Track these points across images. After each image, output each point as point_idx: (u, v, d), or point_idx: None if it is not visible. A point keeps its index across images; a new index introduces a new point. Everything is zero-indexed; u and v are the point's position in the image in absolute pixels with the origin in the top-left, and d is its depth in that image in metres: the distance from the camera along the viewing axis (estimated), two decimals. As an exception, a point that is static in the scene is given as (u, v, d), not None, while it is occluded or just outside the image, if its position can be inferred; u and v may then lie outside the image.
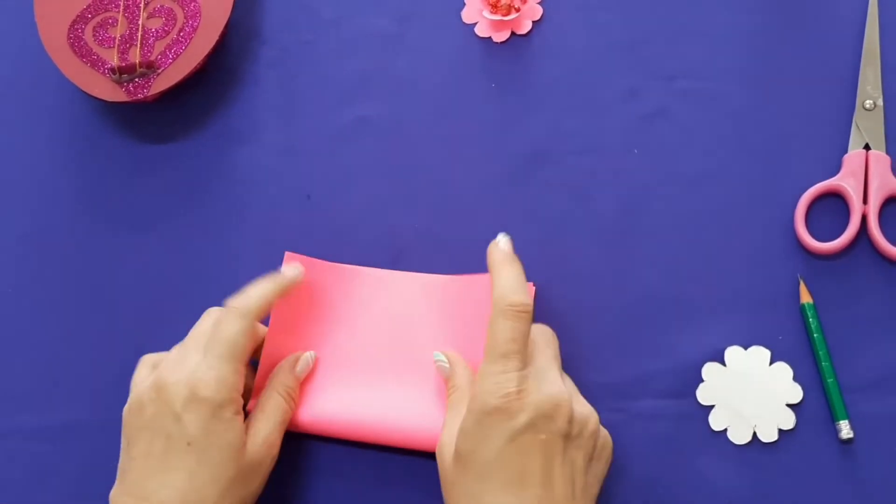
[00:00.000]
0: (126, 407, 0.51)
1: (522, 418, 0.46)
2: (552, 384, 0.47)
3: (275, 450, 0.52)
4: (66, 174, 0.64)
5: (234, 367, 0.50)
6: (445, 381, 0.53)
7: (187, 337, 0.53)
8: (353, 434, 0.54)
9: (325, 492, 0.55)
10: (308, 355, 0.55)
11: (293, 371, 0.54)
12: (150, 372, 0.53)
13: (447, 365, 0.53)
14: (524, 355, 0.48)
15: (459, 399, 0.51)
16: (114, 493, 0.50)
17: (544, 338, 0.51)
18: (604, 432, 0.49)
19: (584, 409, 0.48)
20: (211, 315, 0.54)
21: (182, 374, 0.50)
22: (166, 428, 0.49)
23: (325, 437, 0.55)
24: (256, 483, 0.51)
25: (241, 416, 0.50)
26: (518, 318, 0.48)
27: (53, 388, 0.60)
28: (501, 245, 0.52)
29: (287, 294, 0.55)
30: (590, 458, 0.48)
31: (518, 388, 0.46)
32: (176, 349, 0.53)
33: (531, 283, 0.56)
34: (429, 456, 0.52)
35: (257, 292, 0.53)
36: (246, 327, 0.51)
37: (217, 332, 0.51)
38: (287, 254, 0.57)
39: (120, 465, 0.51)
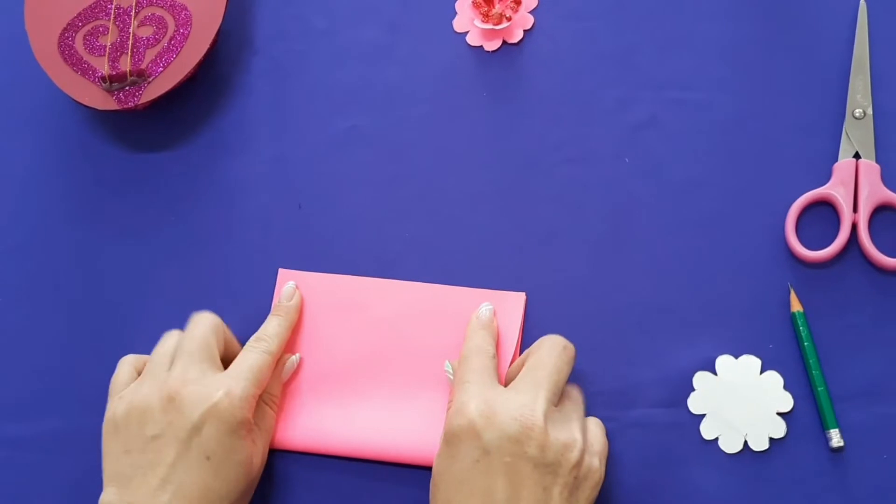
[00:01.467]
0: (121, 411, 0.50)
1: (486, 437, 0.45)
2: (525, 407, 0.46)
3: (265, 460, 0.52)
4: (57, 183, 0.64)
5: (255, 391, 0.51)
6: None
7: (181, 349, 0.52)
8: (346, 451, 0.54)
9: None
10: (293, 358, 0.55)
11: (278, 378, 0.55)
12: (132, 373, 0.53)
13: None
14: (489, 377, 0.49)
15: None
16: (110, 500, 0.48)
17: (551, 351, 0.50)
18: (589, 462, 0.47)
19: (567, 436, 0.46)
20: (172, 336, 0.54)
21: (199, 387, 0.49)
22: (182, 439, 0.48)
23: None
24: (251, 495, 0.51)
25: (253, 435, 0.51)
26: (484, 345, 0.51)
27: (41, 398, 0.59)
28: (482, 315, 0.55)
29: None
30: (570, 490, 0.46)
31: (486, 409, 0.46)
32: (168, 356, 0.52)
33: (523, 293, 0.56)
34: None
35: (274, 330, 0.55)
36: (268, 363, 0.53)
37: (244, 360, 0.52)
38: (281, 271, 0.57)
39: (114, 469, 0.49)
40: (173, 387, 0.49)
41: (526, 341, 0.55)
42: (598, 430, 0.49)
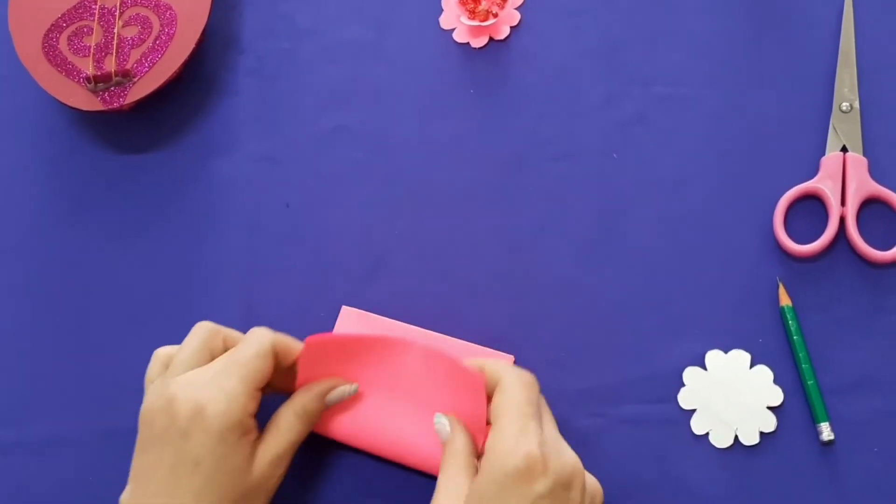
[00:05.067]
0: (141, 409, 0.50)
1: (544, 484, 0.44)
2: (567, 451, 0.47)
3: (282, 469, 0.51)
4: (42, 184, 0.63)
5: (246, 389, 0.49)
6: (442, 444, 0.50)
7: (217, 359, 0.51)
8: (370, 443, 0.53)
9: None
10: (349, 388, 0.53)
11: (321, 398, 0.52)
12: (162, 370, 0.51)
13: (447, 428, 0.50)
14: (539, 421, 0.47)
15: (455, 463, 0.48)
16: (127, 500, 0.49)
17: (532, 389, 0.49)
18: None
19: (590, 479, 0.48)
20: (202, 329, 0.52)
21: (192, 390, 0.48)
22: (174, 443, 0.48)
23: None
24: (260, 501, 0.50)
25: (250, 438, 0.49)
26: (533, 386, 0.48)
27: (31, 402, 0.59)
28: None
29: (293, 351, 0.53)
30: None
31: (541, 451, 0.45)
32: (194, 353, 0.51)
33: (511, 357, 0.55)
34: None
35: (276, 335, 0.52)
36: (260, 353, 0.50)
37: (233, 356, 0.50)
38: (344, 308, 0.56)
39: (133, 467, 0.49)
40: (172, 390, 0.49)
41: (514, 343, 0.55)
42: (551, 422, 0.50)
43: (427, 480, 0.51)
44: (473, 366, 0.50)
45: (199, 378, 0.49)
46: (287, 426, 0.51)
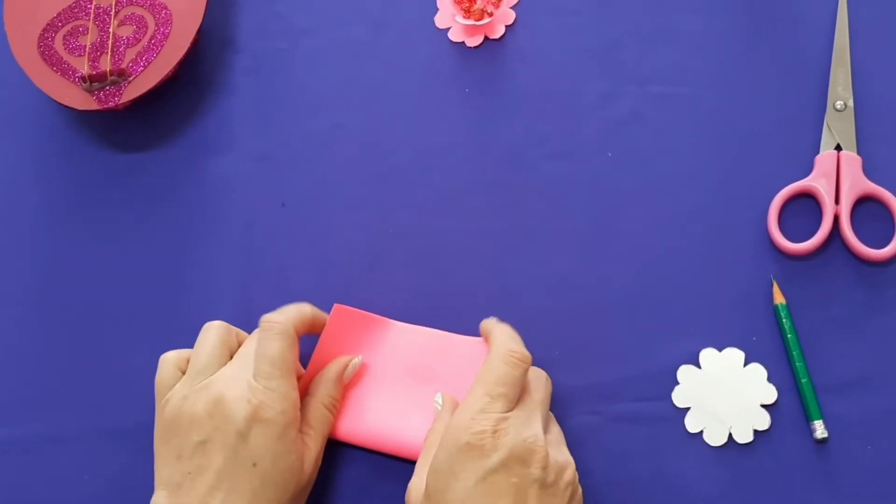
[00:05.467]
0: (169, 416, 0.49)
1: (495, 458, 0.45)
2: (530, 429, 0.47)
3: (320, 463, 0.51)
4: (38, 184, 0.64)
5: (291, 383, 0.50)
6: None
7: (237, 355, 0.52)
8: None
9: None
10: (355, 361, 0.54)
11: (339, 380, 0.53)
12: (176, 373, 0.51)
13: (439, 406, 0.52)
14: (509, 400, 0.47)
15: (434, 441, 0.49)
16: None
17: (537, 382, 0.50)
18: (578, 481, 0.48)
19: (561, 457, 0.47)
20: (213, 329, 0.53)
21: (239, 390, 0.48)
22: (229, 444, 0.47)
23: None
24: (304, 499, 0.51)
25: (301, 436, 0.50)
26: (515, 366, 0.48)
27: (28, 401, 0.59)
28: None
29: (320, 319, 0.54)
30: None
31: (494, 427, 0.46)
32: (215, 353, 0.51)
33: None
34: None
35: (294, 308, 0.53)
36: (289, 344, 0.51)
37: (262, 352, 0.50)
38: (336, 306, 0.56)
39: (165, 474, 0.49)
40: (220, 391, 0.48)
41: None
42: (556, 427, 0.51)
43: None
44: (484, 331, 0.52)
45: (238, 376, 0.49)
46: (322, 420, 0.52)
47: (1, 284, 0.62)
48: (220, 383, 0.49)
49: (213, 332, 0.52)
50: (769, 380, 0.53)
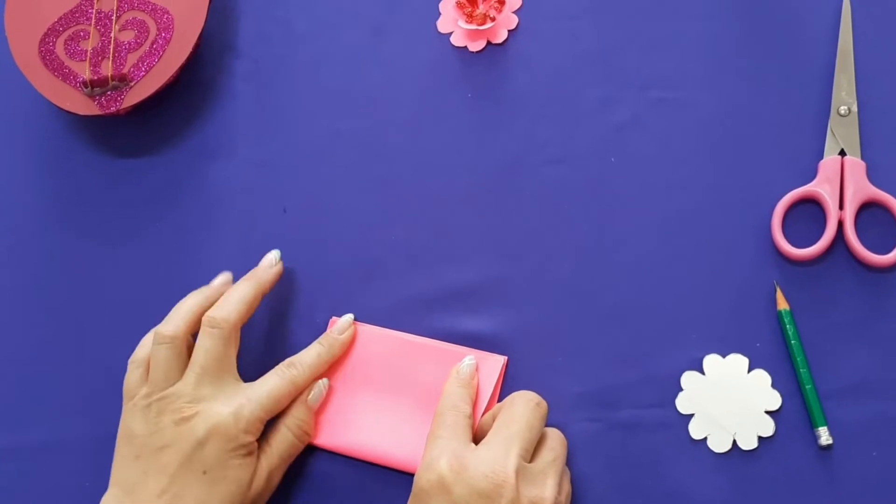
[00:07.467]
0: (137, 421, 0.51)
1: (456, 493, 0.45)
2: (496, 463, 0.46)
3: (275, 482, 0.53)
4: (39, 188, 0.63)
5: (265, 416, 0.51)
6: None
7: (194, 362, 0.52)
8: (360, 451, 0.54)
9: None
10: (321, 383, 0.55)
11: (304, 403, 0.54)
12: (142, 375, 0.52)
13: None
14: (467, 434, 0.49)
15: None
16: (111, 502, 0.50)
17: (520, 412, 0.50)
18: None
19: (537, 492, 0.46)
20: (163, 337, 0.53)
21: (214, 403, 0.51)
22: (186, 450, 0.49)
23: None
24: None
25: (255, 454, 0.51)
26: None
27: (26, 407, 0.59)
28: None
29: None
30: None
31: (459, 463, 0.46)
32: (171, 362, 0.52)
33: (503, 357, 0.55)
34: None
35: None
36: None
37: (207, 357, 0.52)
38: (333, 319, 0.57)
39: (121, 473, 0.51)
40: (187, 404, 0.50)
41: (511, 348, 0.55)
42: (568, 485, 0.49)
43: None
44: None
45: (220, 391, 0.51)
46: (283, 442, 0.53)
47: (1, 289, 0.61)
48: (189, 396, 0.51)
49: (168, 342, 0.52)
50: (773, 386, 0.53)
